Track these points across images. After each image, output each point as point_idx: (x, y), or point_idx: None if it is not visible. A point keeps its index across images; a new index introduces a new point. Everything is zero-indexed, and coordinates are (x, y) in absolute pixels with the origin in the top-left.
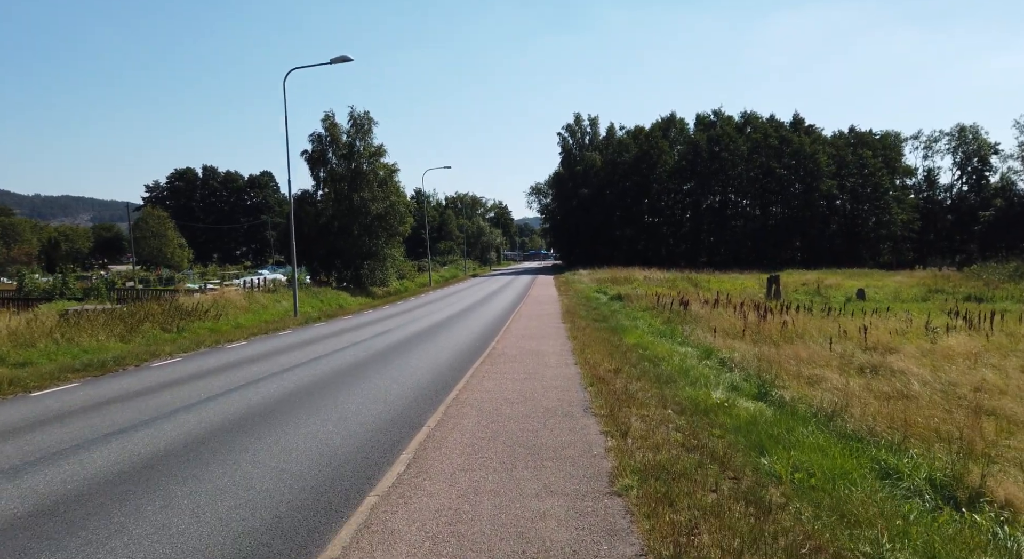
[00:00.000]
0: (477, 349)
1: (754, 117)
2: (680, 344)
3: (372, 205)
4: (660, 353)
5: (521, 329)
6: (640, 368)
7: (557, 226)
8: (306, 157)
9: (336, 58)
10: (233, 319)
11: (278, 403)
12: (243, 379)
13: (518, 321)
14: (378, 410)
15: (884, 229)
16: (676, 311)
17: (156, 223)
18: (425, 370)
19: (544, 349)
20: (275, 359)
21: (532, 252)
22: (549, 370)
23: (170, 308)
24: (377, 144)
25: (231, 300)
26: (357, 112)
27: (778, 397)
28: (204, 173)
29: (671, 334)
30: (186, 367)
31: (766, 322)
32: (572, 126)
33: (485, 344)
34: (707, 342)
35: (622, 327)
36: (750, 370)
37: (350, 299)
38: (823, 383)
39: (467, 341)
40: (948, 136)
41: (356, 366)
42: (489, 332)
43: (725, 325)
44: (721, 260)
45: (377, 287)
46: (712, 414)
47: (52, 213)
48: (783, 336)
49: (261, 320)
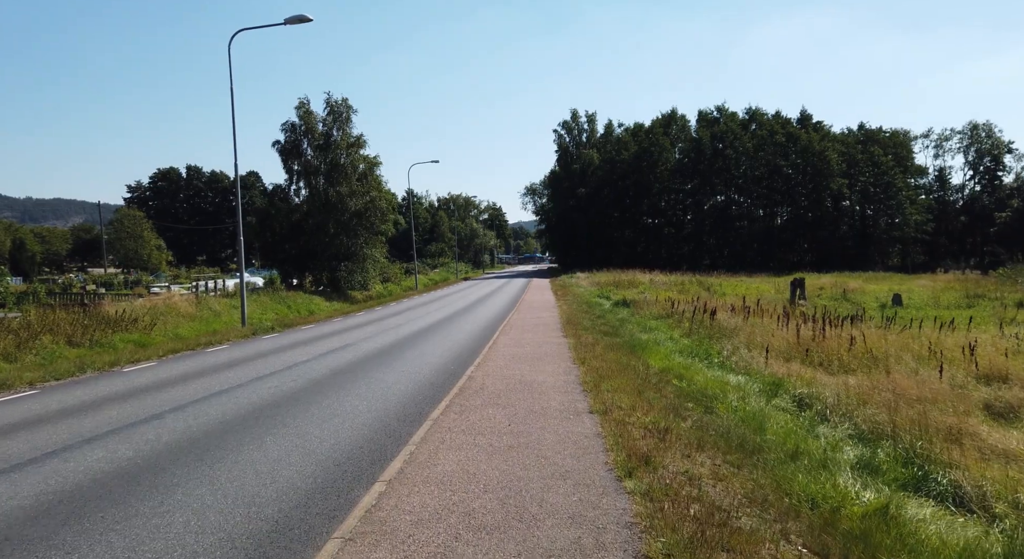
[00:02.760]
0: (447, 379)
1: (759, 113)
2: (724, 369)
3: (350, 201)
4: (706, 387)
5: (511, 345)
6: (692, 419)
7: (553, 227)
8: (278, 148)
9: (291, 18)
10: (172, 329)
11: (66, 499)
12: (59, 442)
13: (508, 333)
14: None
15: (897, 231)
16: (699, 321)
17: (132, 224)
18: (351, 429)
19: (541, 381)
20: (155, 397)
21: (527, 255)
22: (551, 425)
23: (84, 317)
24: (357, 134)
25: (175, 307)
26: (334, 99)
27: (950, 486)
28: (188, 173)
29: (705, 353)
30: (14, 411)
31: (825, 338)
32: (569, 123)
33: (461, 369)
34: (758, 366)
35: (640, 343)
36: (858, 420)
37: (324, 305)
38: (986, 446)
39: (437, 365)
40: (960, 134)
41: (247, 418)
42: (469, 350)
43: (772, 341)
44: (725, 263)
45: (357, 291)
46: (879, 550)
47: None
48: (855, 357)
49: (207, 330)
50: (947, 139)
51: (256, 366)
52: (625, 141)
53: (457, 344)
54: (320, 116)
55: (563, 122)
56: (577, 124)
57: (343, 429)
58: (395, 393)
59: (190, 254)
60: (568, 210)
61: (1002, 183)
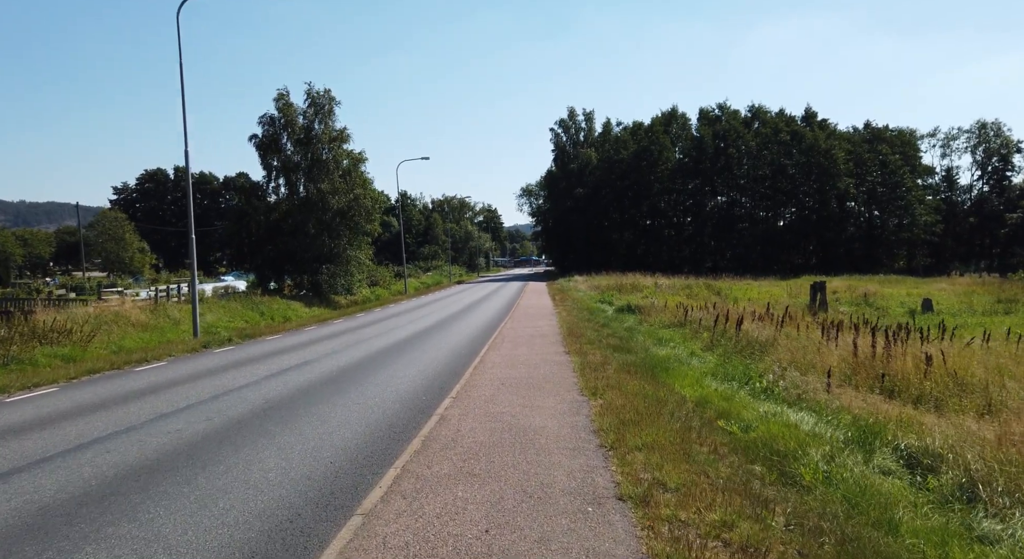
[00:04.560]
0: (412, 419)
1: (762, 111)
2: (775, 399)
3: (332, 198)
4: (770, 434)
5: (502, 365)
6: (782, 508)
7: (549, 229)
8: (255, 143)
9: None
10: (117, 340)
11: None
12: None
13: (499, 348)
14: None
15: (906, 232)
16: (721, 331)
17: (113, 226)
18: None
19: (539, 425)
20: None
21: (523, 258)
22: (557, 532)
23: (3, 329)
24: (340, 127)
25: (125, 315)
26: (316, 90)
27: None
28: (176, 174)
29: (743, 375)
30: None
31: (890, 355)
32: (566, 121)
33: (434, 401)
34: (818, 395)
35: (659, 362)
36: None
37: (302, 311)
38: None
39: (405, 394)
40: (967, 133)
41: (58, 517)
42: (450, 371)
43: (823, 359)
44: (727, 265)
45: (341, 296)
46: None
47: (37, 219)
48: (936, 383)
49: (159, 340)
50: (954, 138)
51: (175, 395)
52: (624, 140)
53: (436, 362)
54: (300, 108)
55: (560, 120)
56: (574, 122)
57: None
58: (329, 452)
59: (178, 257)
60: (565, 211)
61: (1011, 183)
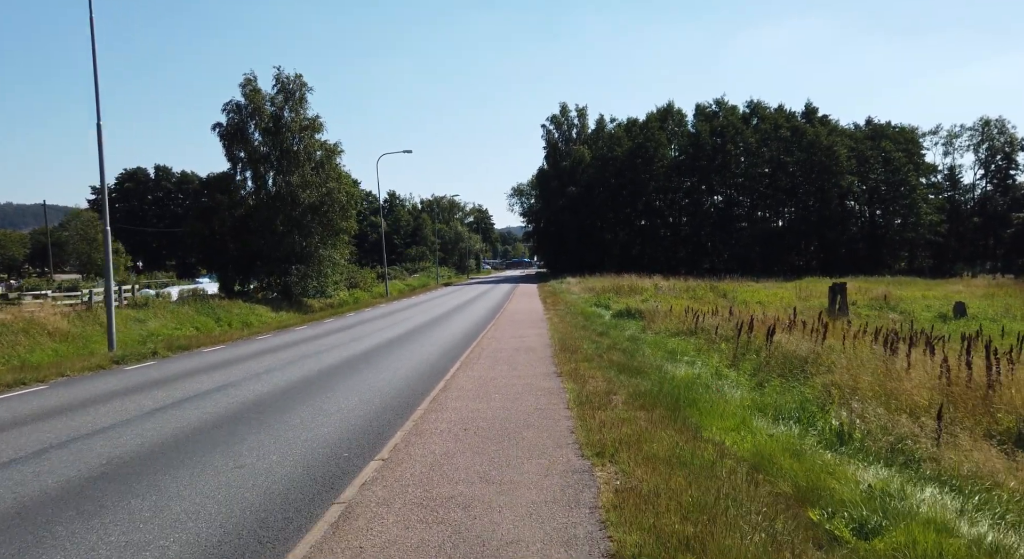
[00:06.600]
0: (318, 495)
1: (761, 107)
2: (866, 456)
3: (302, 192)
4: (910, 545)
5: (471, 396)
6: None
7: (541, 229)
8: (220, 132)
9: None
10: (23, 354)
11: None
12: None
13: (473, 366)
14: None
15: (911, 232)
16: (744, 342)
17: (85, 226)
18: None
19: (511, 537)
20: None
21: (515, 260)
22: None
23: None
24: (312, 116)
25: (39, 323)
26: (285, 74)
27: None
28: (157, 173)
29: (800, 412)
30: None
31: (999, 378)
32: (558, 117)
33: (338, 481)
34: (925, 448)
35: (681, 390)
36: None
37: (268, 315)
38: None
39: (309, 457)
40: (970, 131)
41: None
42: (404, 402)
43: (892, 382)
44: (725, 266)
45: (315, 298)
46: None
47: (24, 221)
48: None
49: (73, 353)
50: (957, 136)
51: (19, 439)
52: (618, 137)
53: (388, 388)
54: (269, 95)
55: (552, 116)
56: (567, 119)
57: None
58: None
59: (159, 259)
60: (557, 211)
61: (1015, 182)
